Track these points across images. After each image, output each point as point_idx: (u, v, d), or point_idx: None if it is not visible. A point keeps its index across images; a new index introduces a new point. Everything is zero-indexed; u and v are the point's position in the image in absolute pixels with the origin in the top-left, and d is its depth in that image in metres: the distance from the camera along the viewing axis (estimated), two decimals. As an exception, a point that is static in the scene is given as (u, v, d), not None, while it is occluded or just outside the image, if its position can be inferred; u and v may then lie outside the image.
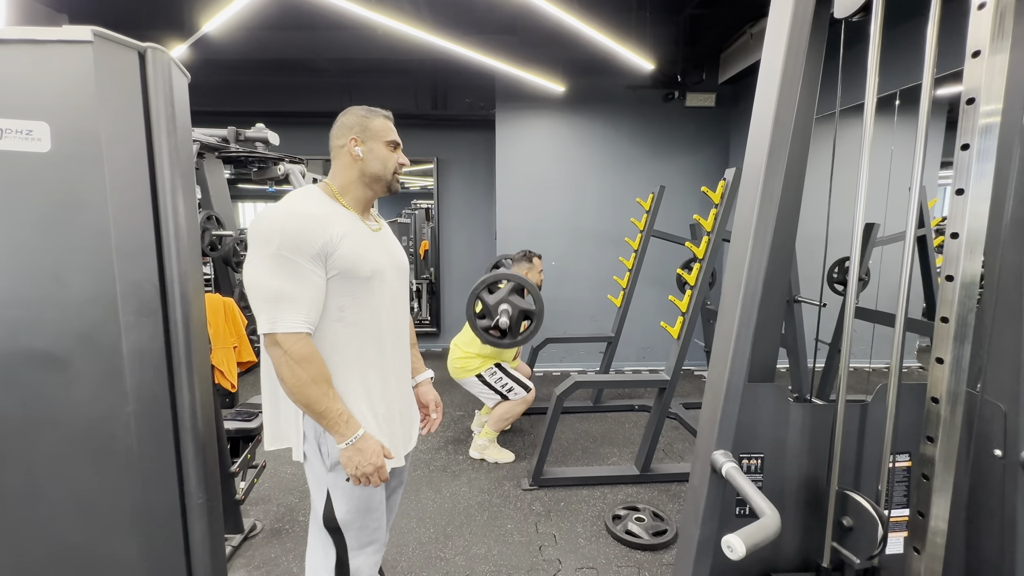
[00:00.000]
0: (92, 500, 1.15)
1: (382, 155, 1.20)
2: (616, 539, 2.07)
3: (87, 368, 1.11)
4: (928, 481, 0.87)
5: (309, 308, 1.06)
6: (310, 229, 1.06)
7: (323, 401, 1.07)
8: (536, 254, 2.83)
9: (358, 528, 1.20)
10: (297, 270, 1.04)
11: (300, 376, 1.05)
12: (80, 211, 1.07)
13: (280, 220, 1.05)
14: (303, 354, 1.05)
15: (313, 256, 1.06)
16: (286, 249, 1.03)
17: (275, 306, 1.03)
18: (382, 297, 1.19)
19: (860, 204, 1.00)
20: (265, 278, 1.04)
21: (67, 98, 1.04)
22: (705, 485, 1.06)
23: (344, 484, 1.16)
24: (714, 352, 1.12)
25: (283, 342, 1.04)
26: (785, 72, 0.98)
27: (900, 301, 1.00)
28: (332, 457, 1.15)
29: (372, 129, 1.19)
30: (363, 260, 1.13)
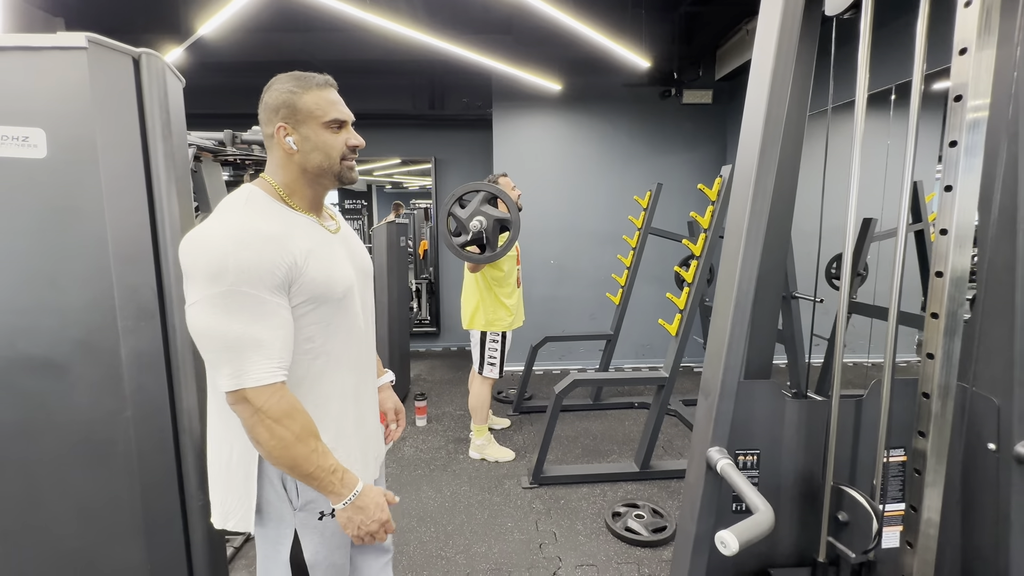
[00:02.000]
0: (92, 504, 1.16)
1: (322, 142, 0.94)
2: (616, 536, 2.08)
3: (86, 373, 1.11)
4: (920, 475, 0.87)
5: (281, 351, 0.86)
6: (271, 254, 0.84)
7: (312, 459, 0.88)
8: (501, 174, 2.68)
9: (327, 567, 1.04)
10: (259, 306, 0.83)
11: (282, 436, 0.85)
12: (77, 217, 1.08)
13: (230, 247, 0.82)
14: (282, 409, 0.85)
15: (276, 287, 0.85)
16: (243, 283, 0.82)
17: (239, 356, 0.82)
18: (354, 316, 1.01)
19: (852, 200, 1.01)
20: (220, 323, 0.82)
21: (63, 104, 1.05)
22: (701, 482, 1.07)
23: (315, 523, 0.99)
24: (708, 349, 1.13)
25: (255, 399, 0.83)
26: (776, 69, 0.98)
27: (892, 296, 1.00)
28: (304, 495, 0.97)
29: (303, 110, 0.93)
30: (334, 279, 0.94)
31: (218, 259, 0.81)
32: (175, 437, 1.22)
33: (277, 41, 3.54)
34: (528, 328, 3.51)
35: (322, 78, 0.98)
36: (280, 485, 0.97)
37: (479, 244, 2.20)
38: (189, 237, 0.85)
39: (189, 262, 0.84)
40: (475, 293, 2.66)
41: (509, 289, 2.68)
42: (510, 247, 2.17)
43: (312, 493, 0.98)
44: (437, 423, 3.27)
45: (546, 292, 4.38)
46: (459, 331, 2.92)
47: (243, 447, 0.94)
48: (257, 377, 0.83)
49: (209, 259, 0.82)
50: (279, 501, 0.98)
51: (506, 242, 2.12)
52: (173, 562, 1.24)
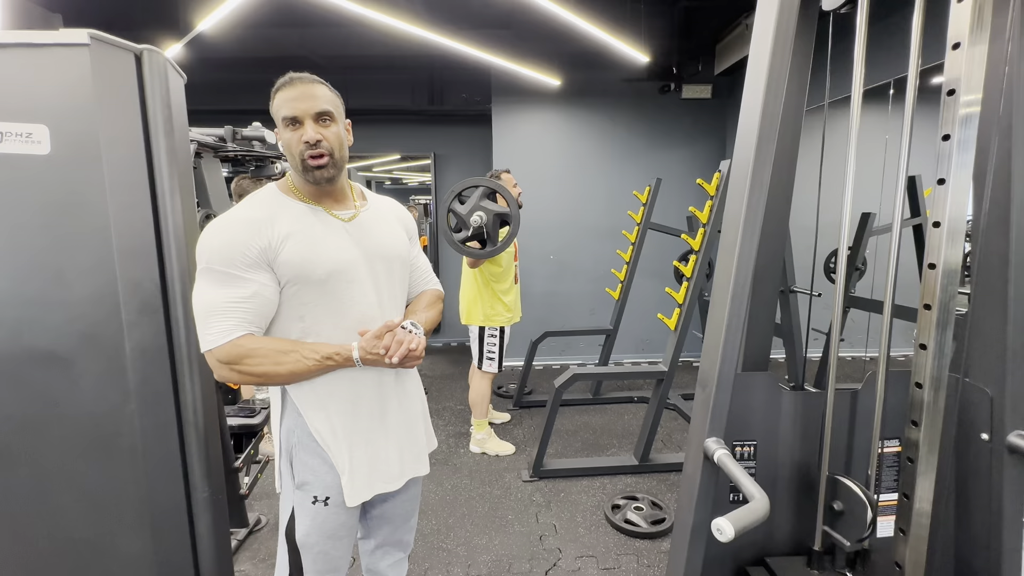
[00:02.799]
0: (98, 496, 1.17)
1: (285, 141, 1.01)
2: (615, 528, 2.10)
3: (90, 367, 1.13)
4: (913, 464, 0.89)
5: (244, 313, 0.95)
6: (243, 236, 0.95)
7: (304, 362, 0.98)
8: (504, 170, 2.68)
9: (317, 552, 1.09)
10: (228, 280, 0.95)
11: (260, 369, 0.96)
12: (80, 212, 1.09)
13: (210, 233, 0.97)
14: (240, 352, 0.94)
15: (251, 264, 0.95)
16: (216, 262, 0.95)
17: (205, 320, 0.95)
18: (348, 300, 1.03)
19: (848, 194, 1.02)
20: (196, 296, 0.96)
21: (65, 101, 1.05)
22: (698, 472, 1.08)
23: (309, 505, 1.06)
24: (706, 341, 1.14)
25: (219, 355, 0.94)
26: (773, 63, 0.99)
27: (887, 289, 1.01)
28: (300, 476, 1.06)
29: (274, 111, 1.01)
30: (313, 263, 0.99)
31: (203, 242, 0.97)
32: (179, 430, 1.23)
33: (276, 37, 3.53)
34: (528, 323, 3.53)
35: (287, 77, 1.03)
36: (288, 459, 1.08)
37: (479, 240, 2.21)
38: None
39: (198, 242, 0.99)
40: (473, 288, 2.68)
41: (507, 285, 2.69)
42: (511, 241, 2.18)
43: (308, 475, 1.06)
44: (437, 418, 3.29)
45: (545, 287, 4.39)
46: (458, 326, 2.92)
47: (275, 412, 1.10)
48: (215, 338, 0.94)
49: (202, 240, 0.97)
50: (287, 474, 1.09)
51: (506, 236, 2.12)
52: (179, 553, 1.25)
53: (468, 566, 1.90)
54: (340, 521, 1.09)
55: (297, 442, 1.06)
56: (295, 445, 1.06)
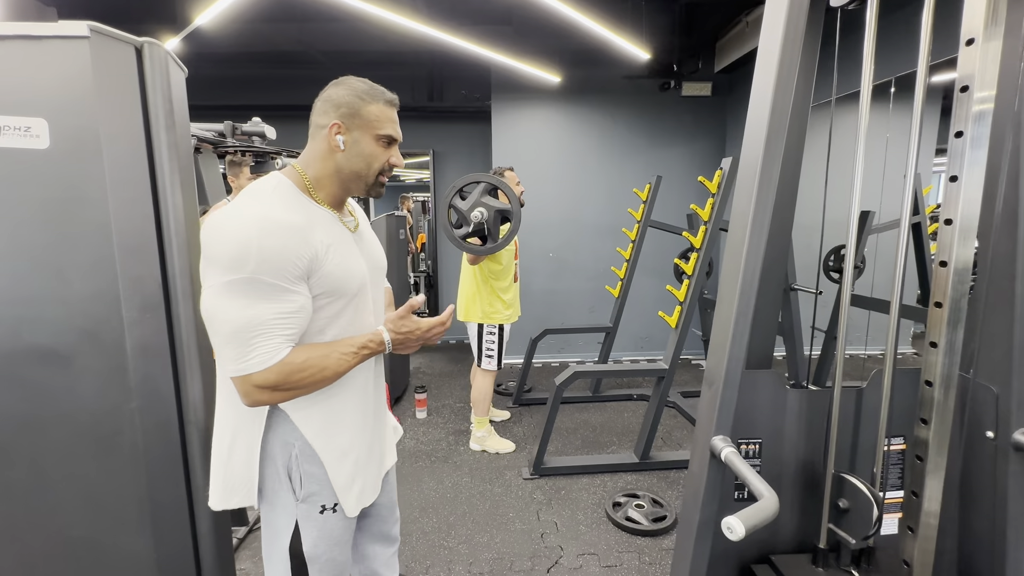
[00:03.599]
0: (99, 494, 1.16)
1: (368, 152, 0.97)
2: (616, 525, 2.10)
3: (91, 364, 1.11)
4: (922, 462, 0.89)
5: (291, 323, 0.88)
6: (295, 244, 0.86)
7: (345, 360, 0.94)
8: (507, 167, 2.68)
9: (325, 561, 1.05)
10: (277, 294, 0.85)
11: (307, 383, 0.90)
12: (81, 207, 1.07)
13: (255, 234, 0.83)
14: (289, 370, 0.87)
15: (299, 276, 0.87)
16: (265, 273, 0.83)
17: (247, 341, 0.84)
18: (366, 312, 1.03)
19: (856, 192, 1.01)
20: (233, 307, 0.83)
21: (65, 94, 1.04)
22: (705, 470, 1.08)
23: (316, 516, 1.01)
24: (712, 340, 1.14)
25: (263, 381, 0.85)
26: (782, 59, 0.99)
27: (895, 288, 1.01)
28: (307, 488, 0.99)
29: (364, 117, 0.96)
30: (350, 275, 0.97)
31: (241, 245, 0.82)
32: (181, 428, 1.22)
33: (274, 32, 3.50)
34: (527, 321, 3.52)
35: (391, 96, 1.01)
36: (285, 474, 0.99)
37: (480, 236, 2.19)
38: (213, 221, 0.85)
39: (212, 245, 0.84)
40: (472, 285, 2.67)
41: (506, 283, 2.68)
42: (512, 238, 2.17)
43: (315, 486, 1.00)
44: (437, 415, 3.28)
45: (545, 285, 4.39)
46: (458, 324, 2.91)
47: (247, 429, 0.97)
48: (259, 360, 0.85)
49: (232, 244, 0.82)
50: (283, 489, 1.00)
51: (508, 233, 2.11)
52: (180, 552, 1.24)
53: (470, 564, 1.90)
54: (345, 524, 1.06)
55: (298, 453, 0.98)
56: (295, 457, 0.98)
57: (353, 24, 3.31)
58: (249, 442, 0.97)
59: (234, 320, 0.83)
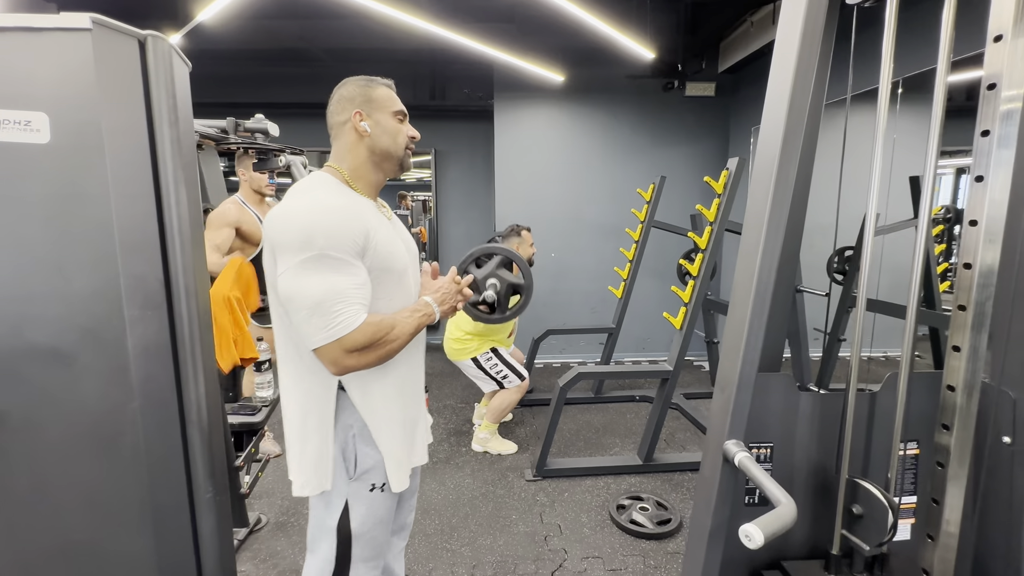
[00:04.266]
0: (100, 495, 1.14)
1: (391, 127, 1.09)
2: (621, 528, 2.08)
3: (92, 363, 1.09)
4: (943, 469, 0.87)
5: (362, 294, 0.98)
6: (351, 223, 0.98)
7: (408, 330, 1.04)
8: (525, 227, 2.78)
9: (369, 539, 1.14)
10: (344, 267, 0.96)
11: (386, 344, 1.00)
12: (82, 204, 1.05)
13: (316, 217, 0.95)
14: (373, 332, 0.98)
15: (356, 252, 0.98)
16: (332, 249, 0.94)
17: (330, 309, 0.93)
18: (408, 292, 1.13)
19: (873, 192, 0.99)
20: (311, 283, 0.93)
21: (66, 88, 1.01)
22: (717, 475, 1.06)
23: (367, 494, 1.10)
24: (724, 342, 1.12)
25: (352, 343, 0.95)
26: (800, 58, 0.97)
27: (912, 290, 0.99)
28: (361, 466, 1.08)
29: (377, 100, 1.07)
30: (394, 254, 1.07)
31: (307, 229, 0.94)
32: (183, 429, 1.20)
33: (275, 28, 3.48)
34: (530, 321, 3.51)
35: (388, 80, 1.14)
36: (340, 455, 1.08)
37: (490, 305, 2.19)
38: (276, 215, 0.98)
39: (280, 233, 0.97)
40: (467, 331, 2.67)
41: (504, 339, 2.77)
42: (520, 311, 2.15)
43: (369, 463, 1.09)
44: (438, 416, 3.26)
45: (547, 285, 4.37)
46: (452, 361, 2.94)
47: (320, 413, 1.06)
48: (348, 323, 0.94)
49: (299, 229, 0.94)
50: (338, 470, 1.09)
51: (516, 306, 2.10)
52: (181, 554, 1.22)
53: (473, 567, 1.88)
54: (388, 504, 1.15)
55: (357, 434, 1.08)
56: (354, 437, 1.08)
57: (355, 21, 3.29)
58: (322, 428, 1.07)
59: (315, 293, 0.93)
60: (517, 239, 2.74)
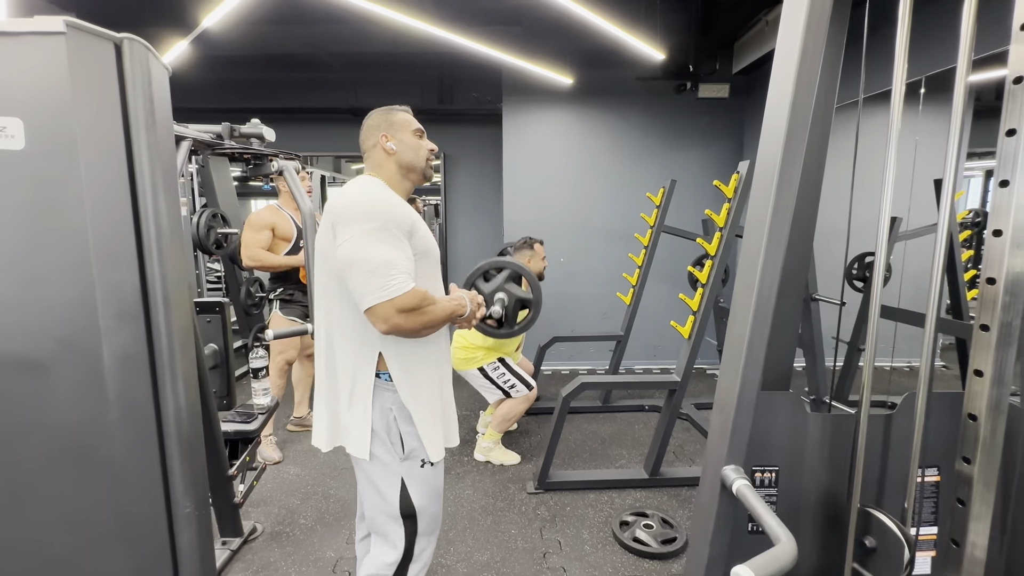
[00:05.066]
0: (75, 509, 1.11)
1: (412, 143, 1.27)
2: (623, 547, 2.00)
3: (67, 374, 1.06)
4: (964, 507, 0.78)
5: (411, 268, 1.13)
6: (402, 208, 1.17)
7: (446, 311, 1.20)
8: (537, 240, 2.73)
9: (431, 513, 1.27)
10: (399, 242, 1.12)
11: (430, 314, 1.14)
12: (57, 211, 1.02)
13: (377, 199, 1.14)
14: (420, 298, 1.12)
15: (407, 232, 1.14)
16: (391, 223, 1.11)
17: (386, 273, 1.08)
18: (440, 281, 1.30)
19: (887, 197, 0.91)
20: (372, 249, 1.08)
21: (40, 93, 0.99)
22: (715, 502, 0.98)
23: (419, 471, 1.22)
24: (724, 358, 1.05)
25: (403, 303, 1.08)
26: (804, 48, 0.89)
27: (931, 300, 0.91)
28: (408, 446, 1.20)
29: (397, 122, 1.27)
30: (432, 244, 1.24)
31: (370, 206, 1.13)
32: (160, 441, 1.16)
33: (282, 34, 3.49)
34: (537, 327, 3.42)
35: (404, 107, 1.32)
36: (387, 438, 1.20)
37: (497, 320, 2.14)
38: (340, 197, 1.17)
39: (346, 210, 1.13)
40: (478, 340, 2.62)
41: (512, 351, 2.70)
42: (528, 327, 2.09)
43: (414, 442, 1.21)
44: (442, 423, 3.21)
45: (556, 291, 4.29)
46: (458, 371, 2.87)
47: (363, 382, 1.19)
48: (400, 287, 1.09)
49: (363, 206, 1.12)
50: (387, 453, 1.20)
51: (524, 322, 2.04)
52: (159, 571, 1.19)
53: (468, 584, 1.81)
54: (440, 478, 1.29)
55: (397, 415, 1.19)
56: (395, 419, 1.19)
57: (361, 26, 3.28)
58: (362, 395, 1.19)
59: (375, 257, 1.08)
60: (529, 252, 2.67)
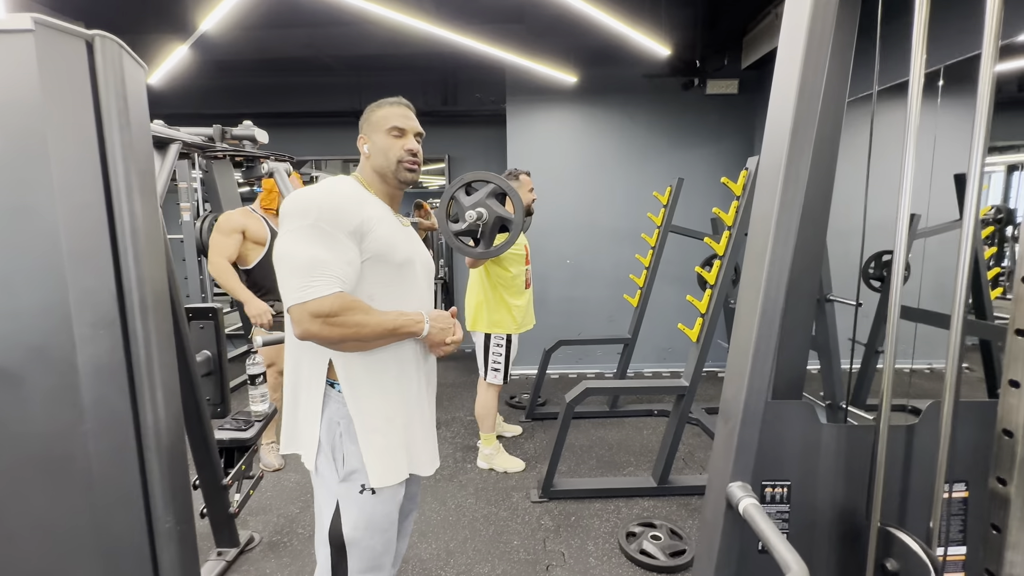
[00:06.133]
0: (50, 524, 1.07)
1: (383, 145, 1.17)
2: (630, 559, 1.92)
3: (39, 383, 1.02)
4: (1000, 534, 0.70)
5: (344, 271, 1.03)
6: (348, 206, 1.06)
7: (384, 325, 1.07)
8: (524, 171, 2.58)
9: (364, 548, 1.12)
10: (334, 242, 1.02)
11: (354, 326, 1.02)
12: (27, 215, 0.98)
13: (318, 196, 1.05)
14: (341, 304, 1.01)
15: (351, 232, 1.04)
16: (324, 222, 1.02)
17: (308, 272, 0.99)
18: (412, 289, 1.18)
19: (906, 193, 0.84)
20: (299, 247, 1.01)
21: (8, 93, 0.95)
22: (720, 521, 0.91)
23: (357, 496, 1.10)
24: (729, 367, 0.97)
25: (318, 308, 0.99)
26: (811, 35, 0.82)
27: (957, 301, 0.83)
28: (348, 466, 1.10)
29: (373, 121, 1.18)
30: (395, 247, 1.13)
31: (307, 202, 1.04)
32: (140, 454, 1.12)
33: (283, 37, 3.48)
34: (543, 330, 3.37)
35: (395, 99, 1.21)
36: (331, 453, 1.10)
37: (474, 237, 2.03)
38: (290, 196, 1.09)
39: (287, 208, 1.05)
40: (479, 292, 2.53)
41: (516, 290, 2.53)
42: (505, 249, 1.98)
43: (356, 463, 1.09)
44: (446, 429, 3.16)
45: (561, 293, 4.22)
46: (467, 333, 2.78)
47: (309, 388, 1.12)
48: (320, 290, 0.99)
49: (300, 203, 1.04)
50: (329, 470, 1.11)
51: (502, 243, 1.94)
52: (139, 587, 1.14)
53: (467, 598, 1.75)
54: (387, 511, 1.14)
55: (343, 431, 1.10)
56: (340, 435, 1.10)
57: (363, 27, 3.24)
58: (310, 402, 1.12)
59: (299, 256, 1.00)
60: (515, 183, 2.53)
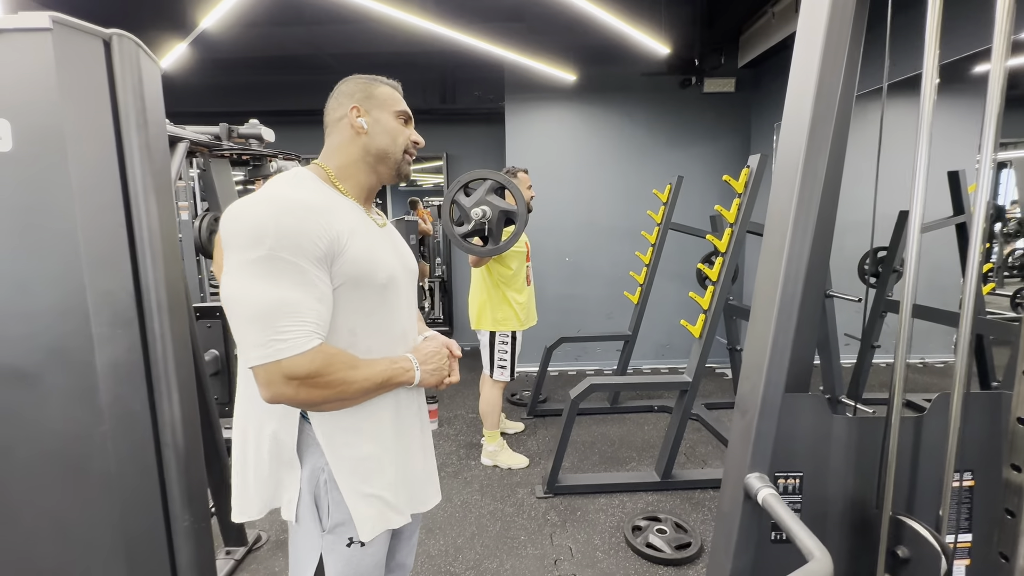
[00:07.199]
0: (69, 524, 1.07)
1: (391, 127, 0.97)
2: (636, 552, 1.94)
3: (58, 384, 1.02)
4: (1014, 518, 0.73)
5: (318, 313, 0.81)
6: (312, 223, 0.80)
7: (373, 380, 0.88)
8: (522, 169, 2.58)
9: None
10: (300, 275, 0.79)
11: (339, 385, 0.83)
12: (45, 214, 0.98)
13: (272, 213, 0.79)
14: (323, 362, 0.80)
15: (318, 258, 0.81)
16: (284, 250, 0.77)
17: (273, 322, 0.76)
18: (398, 312, 0.98)
19: (918, 188, 0.86)
20: (256, 288, 0.77)
21: (27, 92, 0.95)
22: (738, 512, 0.93)
23: (343, 549, 0.94)
24: (746, 360, 0.99)
25: (293, 369, 0.77)
26: (829, 33, 0.84)
27: (966, 296, 0.85)
28: (334, 517, 0.92)
29: (378, 96, 0.97)
30: (377, 264, 0.90)
31: (258, 224, 0.78)
32: (157, 453, 1.12)
33: (282, 35, 3.46)
34: (543, 328, 3.38)
35: (392, 81, 1.04)
36: (312, 502, 0.92)
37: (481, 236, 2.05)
38: (231, 208, 0.82)
39: (228, 229, 0.80)
40: (483, 291, 2.54)
41: (518, 286, 2.55)
42: (515, 241, 2.00)
43: (343, 515, 0.92)
44: (448, 427, 3.17)
45: (561, 291, 4.24)
46: (471, 330, 2.79)
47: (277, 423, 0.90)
48: (294, 346, 0.77)
49: (248, 225, 0.78)
50: (310, 519, 0.93)
51: (511, 236, 1.96)
52: (158, 586, 1.15)
53: (477, 593, 1.77)
54: (375, 561, 0.98)
55: (327, 479, 0.91)
56: (323, 484, 0.92)
57: (362, 25, 3.24)
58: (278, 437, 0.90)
59: (258, 300, 0.77)
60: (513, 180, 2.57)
